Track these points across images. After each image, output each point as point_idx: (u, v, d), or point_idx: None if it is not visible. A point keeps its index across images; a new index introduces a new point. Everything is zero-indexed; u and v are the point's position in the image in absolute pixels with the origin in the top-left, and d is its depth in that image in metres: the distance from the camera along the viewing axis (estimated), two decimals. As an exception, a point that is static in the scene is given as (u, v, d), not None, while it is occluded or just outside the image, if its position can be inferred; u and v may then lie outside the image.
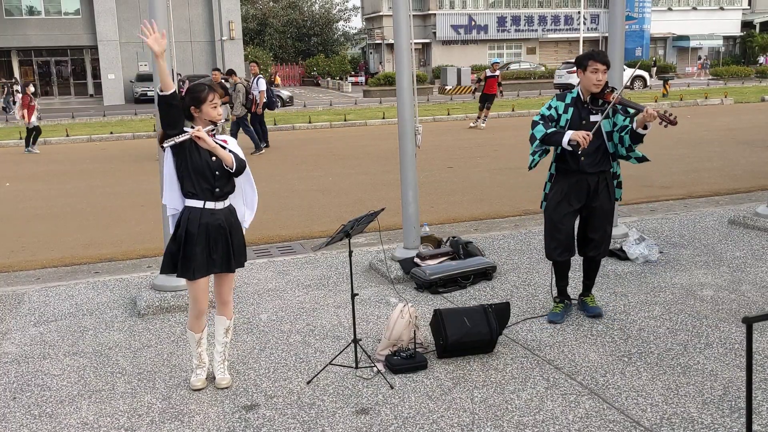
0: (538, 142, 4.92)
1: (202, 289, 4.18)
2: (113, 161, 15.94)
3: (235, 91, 15.51)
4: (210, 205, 4.09)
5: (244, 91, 15.61)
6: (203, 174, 4.04)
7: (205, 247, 4.09)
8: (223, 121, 4.26)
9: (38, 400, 4.24)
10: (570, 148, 4.74)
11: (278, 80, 42.90)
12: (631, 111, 4.85)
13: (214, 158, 4.06)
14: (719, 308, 5.34)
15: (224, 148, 4.08)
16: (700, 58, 52.36)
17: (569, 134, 4.72)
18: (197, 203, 4.08)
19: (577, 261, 5.40)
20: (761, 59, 51.77)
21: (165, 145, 3.98)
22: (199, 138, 3.97)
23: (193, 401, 4.15)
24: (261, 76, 16.54)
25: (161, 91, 3.98)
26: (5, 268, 7.47)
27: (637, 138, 4.78)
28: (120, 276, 6.76)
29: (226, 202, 4.18)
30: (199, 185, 4.05)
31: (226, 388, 4.28)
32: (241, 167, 4.10)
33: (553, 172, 5.09)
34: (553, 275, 5.30)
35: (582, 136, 4.66)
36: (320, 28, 56.68)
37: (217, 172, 4.07)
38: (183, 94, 4.14)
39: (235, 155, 4.09)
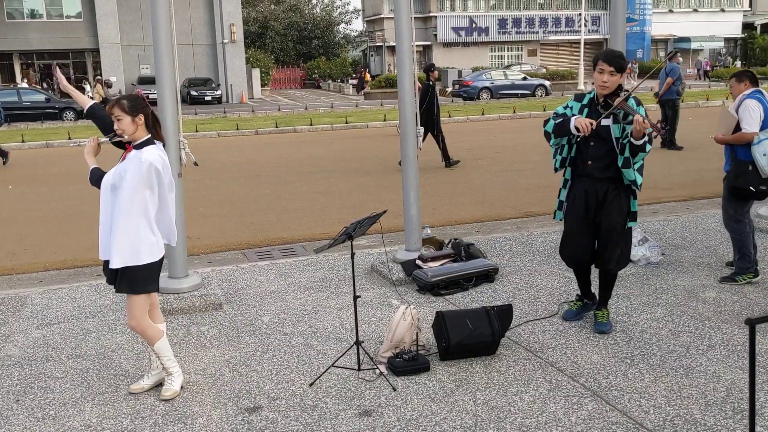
0: (552, 136, 4.78)
1: None
2: (114, 163, 15.95)
3: None
4: None
5: None
6: None
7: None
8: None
9: (41, 402, 4.24)
10: (577, 133, 4.59)
11: (368, 77, 42.38)
12: (630, 118, 4.56)
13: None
14: (722, 310, 5.33)
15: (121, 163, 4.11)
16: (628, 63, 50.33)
17: (574, 119, 4.60)
18: None
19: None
20: (702, 63, 49.18)
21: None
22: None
23: (196, 403, 4.15)
24: None
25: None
26: (8, 271, 7.48)
27: (634, 148, 4.56)
28: (122, 278, 6.75)
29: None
30: None
31: (165, 400, 4.18)
32: (90, 178, 4.12)
33: (567, 177, 4.95)
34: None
35: (584, 123, 4.51)
36: (321, 30, 56.74)
37: None
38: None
39: (96, 170, 4.12)
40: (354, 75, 52.43)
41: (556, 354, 4.66)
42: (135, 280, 4.05)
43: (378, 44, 54.19)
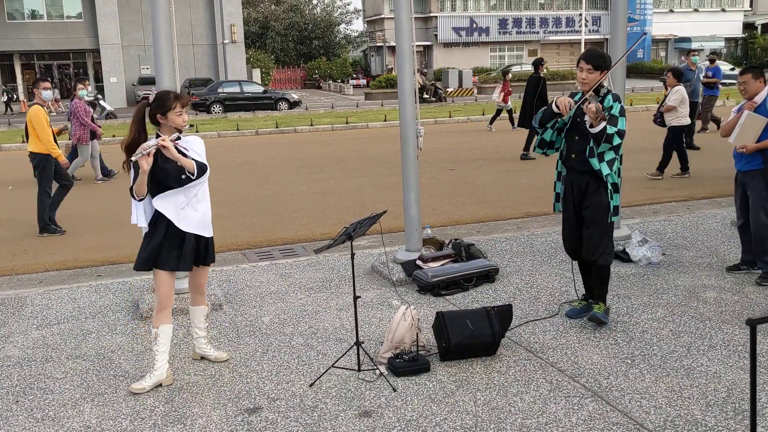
0: (537, 124, 5.05)
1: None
2: (115, 164, 15.95)
3: None
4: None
5: None
6: (172, 180, 4.19)
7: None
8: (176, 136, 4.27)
9: (41, 403, 4.24)
10: (557, 110, 4.82)
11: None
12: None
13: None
14: (722, 310, 5.33)
15: (186, 153, 4.20)
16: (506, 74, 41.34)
17: (556, 98, 4.87)
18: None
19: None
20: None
21: (133, 158, 4.08)
22: (164, 147, 4.09)
23: (196, 404, 4.14)
24: None
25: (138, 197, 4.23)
26: (8, 272, 7.48)
27: (596, 137, 4.74)
28: (122, 279, 6.76)
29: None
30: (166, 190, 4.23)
31: (225, 360, 4.67)
32: (201, 171, 4.22)
33: (560, 170, 5.16)
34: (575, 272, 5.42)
35: (564, 102, 4.75)
36: (322, 31, 56.72)
37: (183, 176, 4.22)
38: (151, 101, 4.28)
39: (196, 160, 4.21)
40: (354, 76, 52.49)
41: (556, 354, 4.65)
42: (214, 248, 4.53)
43: (378, 44, 54.19)
